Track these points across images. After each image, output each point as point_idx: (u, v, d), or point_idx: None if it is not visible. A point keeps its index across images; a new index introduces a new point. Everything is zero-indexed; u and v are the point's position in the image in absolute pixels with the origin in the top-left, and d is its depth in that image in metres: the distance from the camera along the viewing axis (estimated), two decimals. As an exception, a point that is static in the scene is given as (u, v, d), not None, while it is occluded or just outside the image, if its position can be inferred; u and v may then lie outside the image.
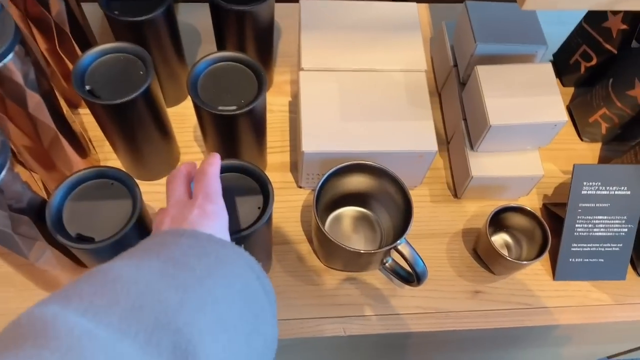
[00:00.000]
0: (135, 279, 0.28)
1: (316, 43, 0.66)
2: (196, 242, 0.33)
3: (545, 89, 0.60)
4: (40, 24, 0.57)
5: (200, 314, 0.28)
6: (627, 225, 0.62)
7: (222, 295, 0.30)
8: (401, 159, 0.61)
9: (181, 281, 0.29)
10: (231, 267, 0.33)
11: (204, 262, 0.31)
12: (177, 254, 0.31)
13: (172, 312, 0.26)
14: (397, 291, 0.62)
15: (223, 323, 0.29)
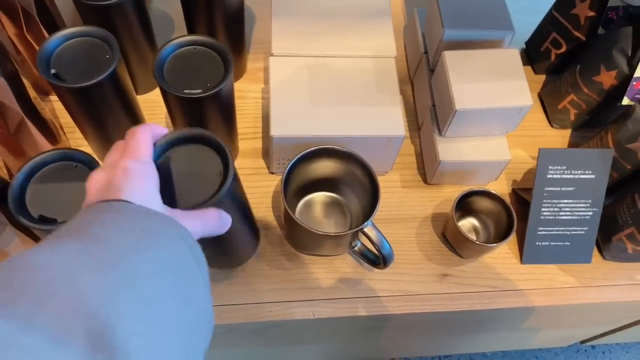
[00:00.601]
0: (46, 265, 0.26)
1: (287, 29, 0.66)
2: (120, 216, 0.31)
3: (511, 74, 0.61)
4: (7, 9, 0.57)
5: (120, 294, 0.26)
6: (592, 209, 0.63)
7: (148, 270, 0.29)
8: (370, 144, 0.61)
9: (100, 260, 0.27)
10: (159, 239, 0.31)
11: (128, 236, 0.30)
12: (99, 230, 0.30)
13: (86, 296, 0.25)
14: (367, 275, 0.62)
15: (148, 300, 0.27)
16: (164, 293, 0.29)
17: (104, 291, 0.26)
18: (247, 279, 0.61)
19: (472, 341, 0.82)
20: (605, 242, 0.65)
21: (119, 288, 0.26)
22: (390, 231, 0.65)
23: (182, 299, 0.30)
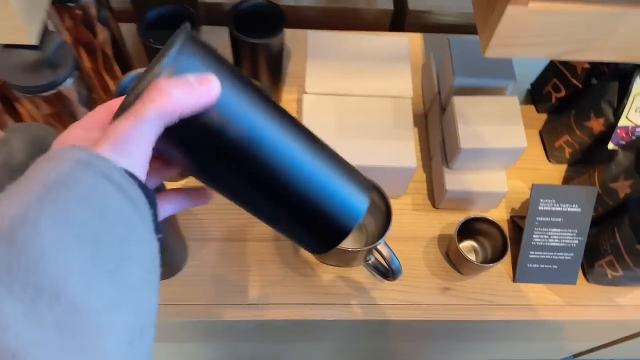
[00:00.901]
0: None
1: (319, 70, 0.76)
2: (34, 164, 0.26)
3: (510, 119, 0.71)
4: (87, 48, 0.69)
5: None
6: (578, 238, 0.72)
7: (58, 227, 0.23)
8: (386, 172, 0.71)
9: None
10: (68, 187, 0.24)
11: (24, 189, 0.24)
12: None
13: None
14: (378, 285, 0.73)
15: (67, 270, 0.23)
16: (88, 256, 0.24)
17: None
18: (277, 283, 0.71)
19: (469, 350, 0.92)
20: (589, 267, 0.74)
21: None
22: (401, 248, 0.75)
23: (117, 257, 0.25)
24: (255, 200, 0.34)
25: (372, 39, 0.80)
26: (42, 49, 0.55)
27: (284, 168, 0.32)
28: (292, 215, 0.35)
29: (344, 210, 0.35)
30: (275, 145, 0.32)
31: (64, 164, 0.25)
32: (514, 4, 0.47)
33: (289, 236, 0.37)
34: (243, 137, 0.31)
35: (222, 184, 0.34)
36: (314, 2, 0.95)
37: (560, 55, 0.54)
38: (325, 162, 0.35)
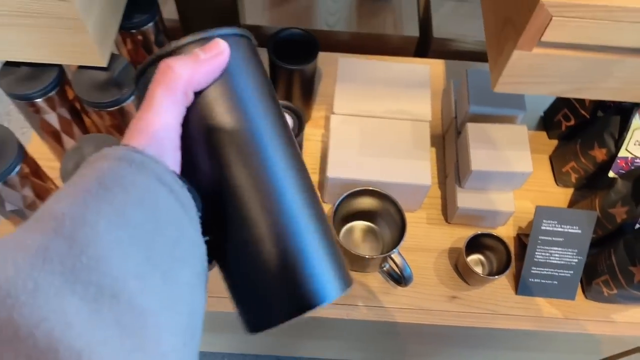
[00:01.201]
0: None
1: (347, 92, 0.84)
2: (82, 169, 0.27)
3: (519, 145, 0.77)
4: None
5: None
6: (578, 257, 0.78)
7: (116, 228, 0.24)
8: (403, 189, 0.79)
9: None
10: (125, 189, 0.25)
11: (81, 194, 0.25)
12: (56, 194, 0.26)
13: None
14: (391, 290, 0.80)
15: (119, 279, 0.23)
16: (141, 259, 0.24)
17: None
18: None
19: (473, 356, 0.98)
20: (587, 284, 0.80)
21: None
22: (413, 258, 0.82)
23: (169, 258, 0.26)
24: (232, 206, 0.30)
25: (396, 65, 0.88)
26: (109, 70, 0.64)
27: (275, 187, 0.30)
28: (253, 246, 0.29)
29: (311, 280, 0.29)
30: (273, 160, 0.30)
31: (120, 164, 0.26)
32: (519, 49, 0.54)
33: (234, 279, 0.31)
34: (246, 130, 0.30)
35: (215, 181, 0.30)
36: (345, 27, 1.04)
37: (562, 93, 0.61)
38: (316, 217, 0.31)
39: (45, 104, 0.64)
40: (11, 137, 0.60)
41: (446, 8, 1.06)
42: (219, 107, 0.29)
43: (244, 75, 0.31)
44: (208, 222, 0.30)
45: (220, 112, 0.29)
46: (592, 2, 0.47)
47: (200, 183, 0.30)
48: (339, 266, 0.31)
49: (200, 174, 0.30)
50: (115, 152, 0.26)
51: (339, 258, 0.32)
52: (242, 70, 0.31)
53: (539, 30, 0.51)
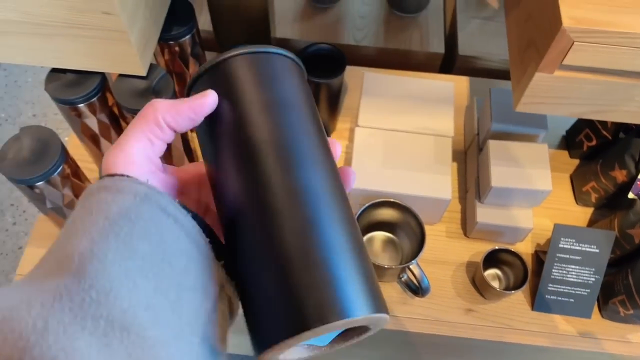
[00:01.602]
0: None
1: (372, 106, 0.87)
2: (87, 201, 0.27)
3: (539, 163, 0.79)
4: (179, 78, 0.82)
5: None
6: (595, 276, 0.79)
7: (124, 260, 0.24)
8: (424, 202, 0.81)
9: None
10: (131, 221, 0.25)
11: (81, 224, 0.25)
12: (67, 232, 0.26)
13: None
14: (408, 300, 0.82)
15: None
16: (150, 291, 0.25)
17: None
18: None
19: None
20: (604, 303, 0.81)
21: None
22: (432, 270, 0.84)
23: (177, 287, 0.26)
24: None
25: (421, 81, 0.90)
26: (148, 79, 0.68)
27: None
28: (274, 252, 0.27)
29: (339, 295, 0.26)
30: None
31: (125, 197, 0.26)
32: (541, 71, 0.56)
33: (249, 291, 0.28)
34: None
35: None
36: (372, 43, 1.06)
37: (582, 115, 0.63)
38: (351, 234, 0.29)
39: (87, 109, 0.68)
40: (55, 139, 0.63)
41: (472, 26, 1.09)
42: (256, 117, 0.30)
43: (285, 90, 0.32)
44: (226, 242, 0.30)
45: (255, 122, 0.30)
46: (612, 29, 0.49)
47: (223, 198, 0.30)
48: (371, 287, 0.28)
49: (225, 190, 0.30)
50: (121, 184, 0.27)
51: (372, 279, 0.28)
52: (282, 83, 0.32)
53: (560, 54, 0.53)
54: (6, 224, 1.53)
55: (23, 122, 1.70)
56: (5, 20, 0.57)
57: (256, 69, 0.32)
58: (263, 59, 0.32)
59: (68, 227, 0.26)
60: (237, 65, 0.32)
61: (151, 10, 0.63)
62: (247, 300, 0.28)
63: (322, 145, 0.31)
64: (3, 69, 1.80)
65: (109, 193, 0.26)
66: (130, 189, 0.27)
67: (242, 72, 0.31)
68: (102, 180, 0.27)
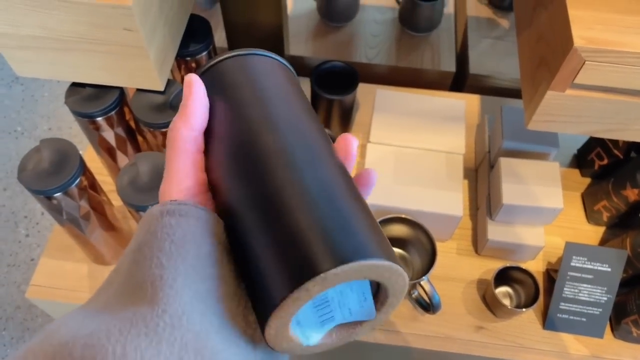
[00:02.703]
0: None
1: (383, 123, 0.88)
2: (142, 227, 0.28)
3: (550, 181, 0.79)
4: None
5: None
6: (607, 295, 0.79)
7: (193, 283, 0.26)
8: (436, 218, 0.81)
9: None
10: (197, 244, 0.27)
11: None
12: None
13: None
14: (419, 317, 0.82)
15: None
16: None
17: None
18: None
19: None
20: (616, 323, 0.80)
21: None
22: (443, 287, 0.84)
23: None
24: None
25: (432, 99, 0.91)
26: (165, 94, 0.69)
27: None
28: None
29: (344, 241, 0.25)
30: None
31: (188, 220, 0.27)
32: (553, 89, 0.57)
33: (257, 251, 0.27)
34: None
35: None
36: (384, 61, 1.08)
37: (593, 133, 0.63)
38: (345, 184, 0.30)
39: (105, 122, 0.69)
40: (74, 152, 0.65)
41: (483, 45, 1.10)
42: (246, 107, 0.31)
43: (268, 78, 0.33)
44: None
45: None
46: (623, 49, 0.50)
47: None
48: (385, 242, 0.27)
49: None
50: (182, 207, 0.27)
51: (383, 236, 0.28)
52: (266, 75, 0.33)
53: (572, 73, 0.53)
54: (19, 236, 1.55)
55: (39, 135, 1.73)
56: (28, 36, 0.59)
57: (241, 68, 0.33)
58: (245, 60, 0.34)
59: (135, 252, 0.27)
60: (222, 68, 0.33)
61: (170, 27, 0.65)
62: (250, 266, 0.27)
63: (315, 123, 0.33)
64: (20, 83, 1.83)
65: (172, 217, 0.27)
66: (192, 212, 0.27)
67: (229, 73, 0.33)
68: (164, 204, 0.28)
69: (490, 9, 1.15)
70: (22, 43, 0.61)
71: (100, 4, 0.55)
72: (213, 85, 0.32)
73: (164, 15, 0.63)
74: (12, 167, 1.68)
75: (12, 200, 1.61)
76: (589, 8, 0.53)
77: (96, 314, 0.25)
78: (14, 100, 1.80)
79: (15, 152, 1.70)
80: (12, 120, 1.77)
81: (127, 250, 0.28)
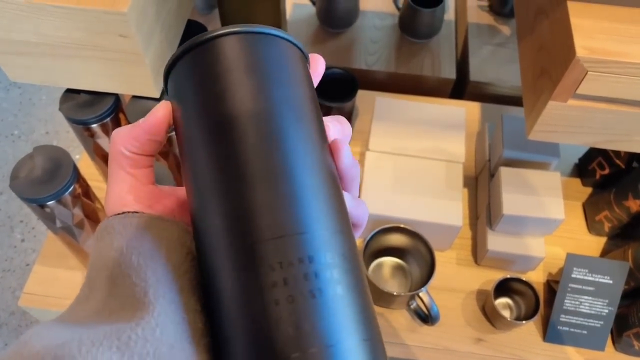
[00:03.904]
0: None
1: (382, 131, 0.87)
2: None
3: (551, 191, 0.78)
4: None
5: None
6: (608, 308, 0.77)
7: (170, 292, 0.25)
8: (434, 228, 0.80)
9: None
10: (168, 253, 0.26)
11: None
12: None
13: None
14: (417, 328, 0.80)
15: None
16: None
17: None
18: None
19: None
20: (617, 336, 0.79)
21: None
22: (441, 297, 0.82)
23: None
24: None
25: (432, 106, 0.90)
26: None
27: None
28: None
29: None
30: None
31: (153, 232, 0.26)
32: (554, 100, 0.56)
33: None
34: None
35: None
36: (383, 67, 1.07)
37: (595, 144, 0.62)
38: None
39: (100, 129, 0.68)
40: (68, 159, 0.64)
41: (484, 52, 1.09)
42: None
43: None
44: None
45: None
46: (626, 60, 0.49)
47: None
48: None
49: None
50: (143, 219, 0.27)
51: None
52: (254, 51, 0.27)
53: (574, 83, 0.52)
54: (15, 241, 1.54)
55: (36, 139, 1.72)
56: (21, 42, 0.58)
57: (241, 47, 0.27)
58: (244, 39, 0.27)
59: (103, 269, 0.26)
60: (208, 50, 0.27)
61: (166, 33, 0.64)
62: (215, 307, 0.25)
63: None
64: (18, 86, 1.82)
65: (137, 230, 0.26)
66: (155, 224, 0.27)
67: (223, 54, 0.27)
68: (124, 217, 0.27)
69: (491, 15, 1.14)
70: (16, 48, 0.60)
71: (95, 10, 0.54)
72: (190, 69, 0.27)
73: (161, 21, 0.62)
74: (9, 172, 1.66)
75: (8, 204, 1.59)
76: (592, 17, 0.53)
77: (71, 326, 0.24)
78: (11, 103, 1.80)
79: (12, 156, 1.69)
80: (9, 124, 1.76)
81: (95, 266, 0.27)
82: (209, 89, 0.26)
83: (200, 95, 0.26)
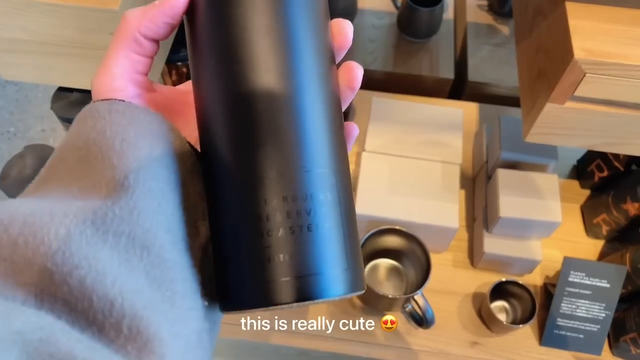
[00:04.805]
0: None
1: (379, 131, 0.86)
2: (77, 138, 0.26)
3: (549, 194, 0.77)
4: (186, 97, 0.82)
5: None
6: (605, 312, 0.77)
7: (149, 180, 0.24)
8: (430, 230, 0.79)
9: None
10: (150, 143, 0.25)
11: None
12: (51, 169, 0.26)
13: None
14: (412, 331, 0.80)
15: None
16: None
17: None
18: (325, 318, 0.80)
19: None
20: (614, 340, 0.78)
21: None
22: (437, 300, 0.81)
23: (196, 213, 0.26)
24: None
25: (429, 107, 0.90)
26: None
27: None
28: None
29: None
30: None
31: (140, 122, 0.25)
32: (552, 102, 0.55)
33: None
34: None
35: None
36: (381, 67, 1.06)
37: (593, 147, 0.61)
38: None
39: (92, 128, 0.68)
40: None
41: (483, 52, 1.08)
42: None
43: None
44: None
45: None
46: (624, 61, 0.48)
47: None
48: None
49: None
50: (131, 109, 0.26)
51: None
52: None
53: (572, 85, 0.52)
54: (11, 238, 1.53)
55: (32, 136, 1.71)
56: (12, 39, 0.57)
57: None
58: None
59: (81, 149, 0.25)
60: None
61: (159, 31, 0.63)
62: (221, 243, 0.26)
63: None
64: (14, 83, 1.81)
65: (122, 117, 0.25)
66: (143, 116, 0.26)
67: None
68: (111, 103, 0.26)
69: (491, 15, 1.13)
70: (7, 46, 0.59)
71: (86, 7, 0.53)
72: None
73: (153, 19, 0.61)
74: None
75: (3, 202, 1.59)
76: (590, 18, 0.52)
77: (38, 201, 0.23)
78: (7, 100, 1.79)
79: (8, 154, 1.68)
80: (5, 121, 1.75)
81: (69, 146, 0.25)
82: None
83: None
